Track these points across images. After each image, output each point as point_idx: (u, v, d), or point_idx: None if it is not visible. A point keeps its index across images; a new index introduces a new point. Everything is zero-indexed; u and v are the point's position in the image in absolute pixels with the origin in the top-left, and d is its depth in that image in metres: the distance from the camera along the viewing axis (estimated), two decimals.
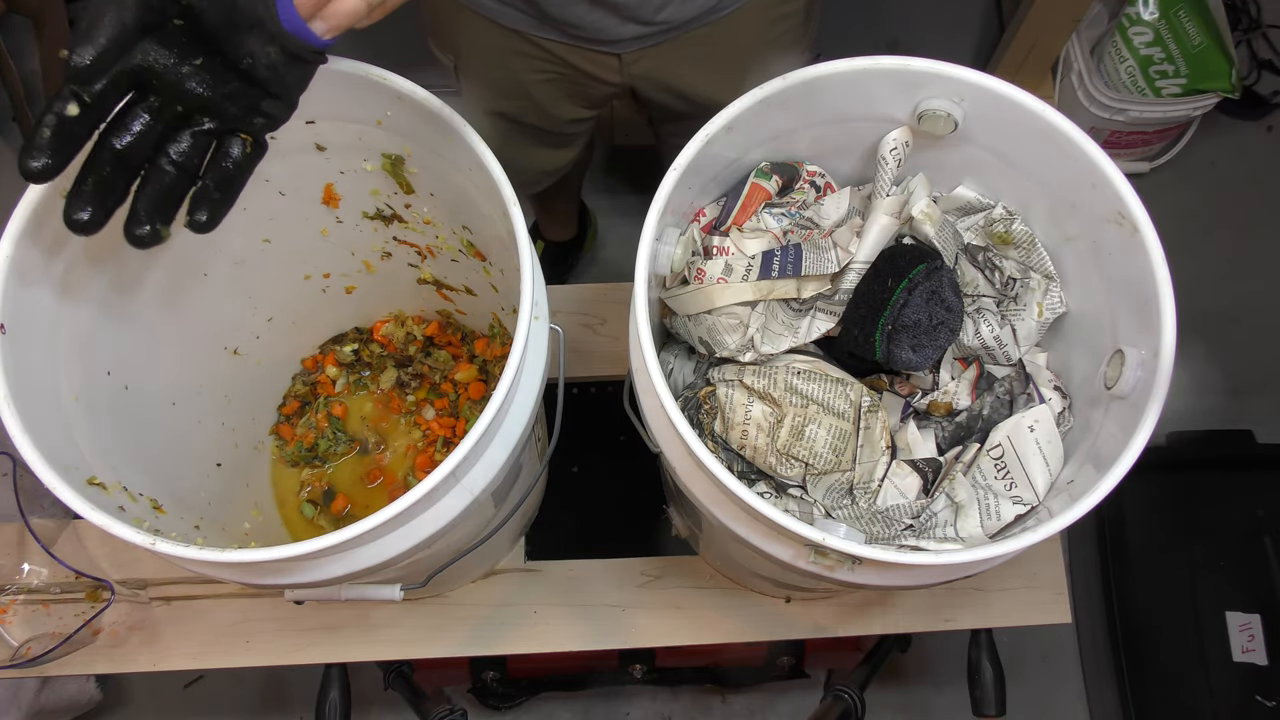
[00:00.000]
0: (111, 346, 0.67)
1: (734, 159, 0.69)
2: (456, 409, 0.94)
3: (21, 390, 0.56)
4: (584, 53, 0.93)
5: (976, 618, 0.92)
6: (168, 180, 0.49)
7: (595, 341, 1.01)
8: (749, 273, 0.68)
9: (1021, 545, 0.55)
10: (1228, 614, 1.37)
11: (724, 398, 0.68)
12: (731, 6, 0.89)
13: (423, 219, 0.78)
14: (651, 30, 0.88)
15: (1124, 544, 1.48)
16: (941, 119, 0.64)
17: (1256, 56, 1.92)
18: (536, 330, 0.66)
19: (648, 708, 1.56)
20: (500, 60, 0.97)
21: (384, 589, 0.71)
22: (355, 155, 0.71)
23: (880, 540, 0.65)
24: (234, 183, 0.50)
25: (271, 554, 0.53)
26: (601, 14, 0.86)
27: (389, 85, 0.62)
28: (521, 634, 0.91)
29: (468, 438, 0.55)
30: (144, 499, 0.66)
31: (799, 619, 0.92)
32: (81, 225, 0.48)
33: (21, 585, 0.91)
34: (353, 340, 0.97)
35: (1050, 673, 1.59)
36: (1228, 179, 1.89)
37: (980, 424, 0.70)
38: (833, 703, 0.92)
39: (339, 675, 0.89)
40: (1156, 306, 0.57)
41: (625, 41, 0.90)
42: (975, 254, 0.71)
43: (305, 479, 0.94)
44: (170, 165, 0.48)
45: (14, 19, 1.75)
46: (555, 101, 1.02)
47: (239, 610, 0.91)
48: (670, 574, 0.93)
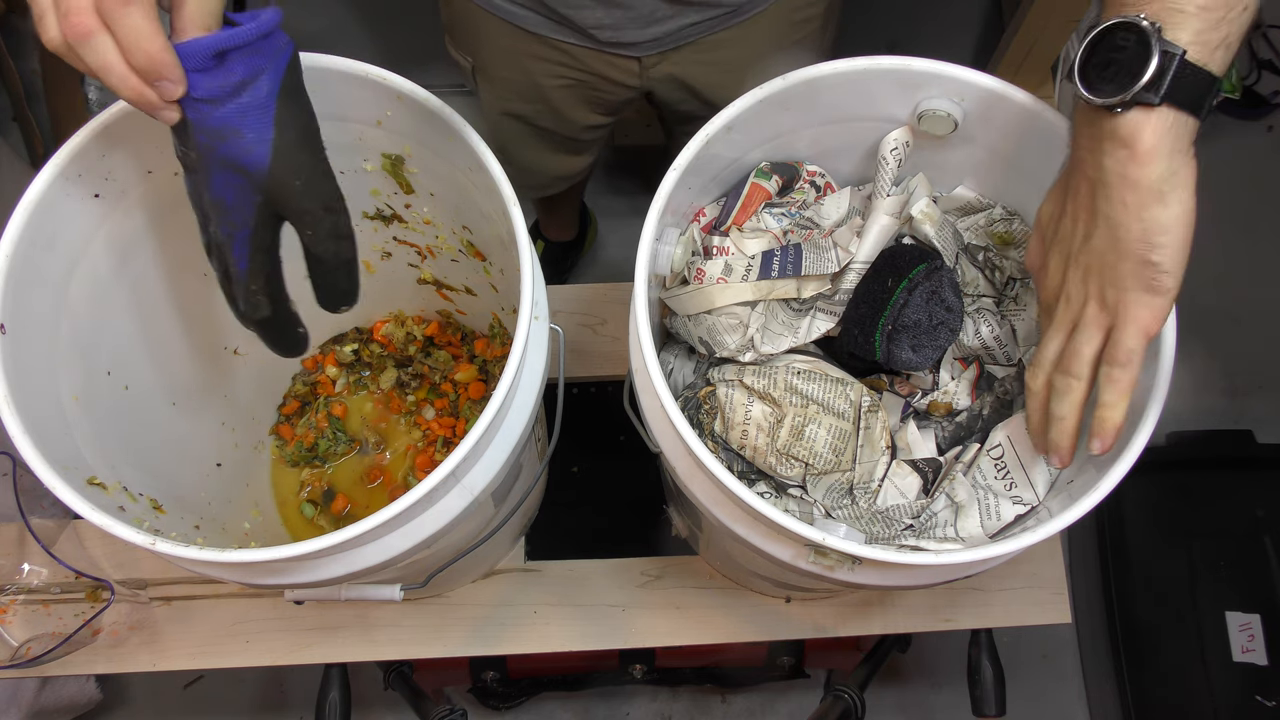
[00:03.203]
0: (111, 346, 0.67)
1: (734, 159, 0.69)
2: (456, 409, 0.94)
3: (21, 390, 0.56)
4: (604, 56, 0.93)
5: (976, 618, 0.92)
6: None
7: (595, 341, 1.01)
8: (749, 273, 0.68)
9: (1021, 545, 0.55)
10: (1228, 614, 1.37)
11: (724, 398, 0.69)
12: (751, 12, 0.89)
13: (423, 219, 0.78)
14: (675, 29, 0.89)
15: (1124, 544, 1.48)
16: (941, 119, 0.64)
17: (1256, 56, 1.92)
18: (536, 330, 0.66)
19: (648, 708, 1.56)
20: (519, 64, 0.97)
21: (384, 589, 0.71)
22: (355, 155, 0.71)
23: (880, 540, 0.65)
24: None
25: (271, 554, 0.53)
26: (620, 14, 0.86)
27: (389, 85, 0.62)
28: (521, 634, 0.91)
29: (468, 438, 0.55)
30: (144, 499, 0.66)
31: (799, 619, 0.92)
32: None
33: (21, 585, 0.91)
34: (353, 340, 0.97)
35: (1050, 673, 1.58)
36: (1228, 179, 1.89)
37: (980, 424, 0.70)
38: (833, 703, 0.92)
39: (339, 675, 0.89)
40: None
41: (645, 44, 0.90)
42: (975, 254, 0.71)
43: (305, 479, 0.94)
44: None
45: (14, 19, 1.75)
46: (572, 107, 1.02)
47: (239, 610, 0.91)
48: (670, 574, 0.93)
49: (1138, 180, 0.49)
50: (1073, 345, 0.54)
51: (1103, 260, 0.52)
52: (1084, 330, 0.54)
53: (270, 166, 0.49)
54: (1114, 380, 0.53)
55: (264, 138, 0.48)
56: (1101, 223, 0.51)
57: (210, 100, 0.47)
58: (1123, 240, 0.50)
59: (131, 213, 0.66)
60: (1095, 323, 0.53)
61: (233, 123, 0.48)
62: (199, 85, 0.46)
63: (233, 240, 0.52)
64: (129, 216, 0.66)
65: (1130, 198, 0.49)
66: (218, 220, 0.51)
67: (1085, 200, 0.52)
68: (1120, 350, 0.52)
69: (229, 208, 0.51)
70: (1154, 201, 0.49)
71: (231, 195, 0.50)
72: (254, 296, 0.54)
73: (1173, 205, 0.49)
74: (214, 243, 0.53)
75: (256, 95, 0.48)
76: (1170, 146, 0.49)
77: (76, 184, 0.61)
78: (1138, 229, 0.50)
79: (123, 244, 0.66)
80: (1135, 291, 0.51)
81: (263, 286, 0.54)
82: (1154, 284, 0.50)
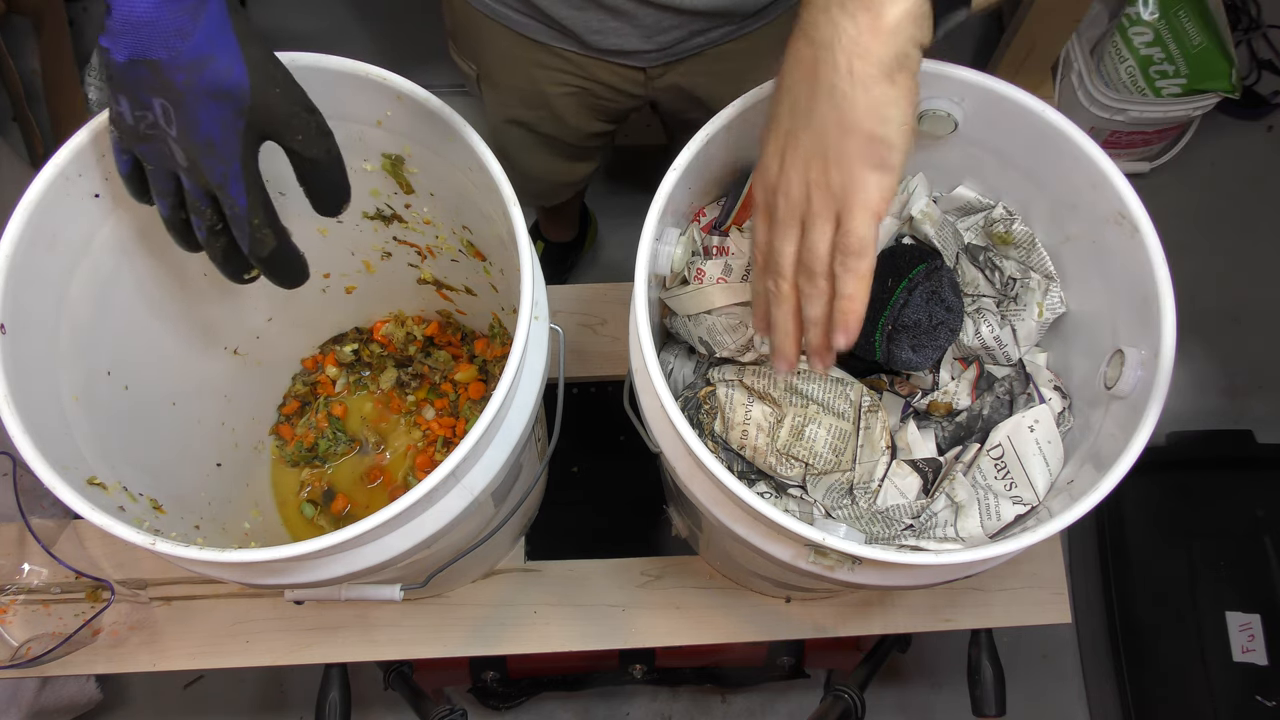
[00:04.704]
0: (111, 346, 0.67)
1: (734, 159, 0.69)
2: (456, 409, 0.94)
3: (21, 390, 0.56)
4: (608, 65, 0.93)
5: (976, 618, 0.92)
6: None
7: (595, 341, 1.01)
8: (749, 273, 0.68)
9: (1021, 545, 0.55)
10: (1228, 614, 1.37)
11: (724, 398, 0.69)
12: (756, 25, 0.89)
13: (423, 219, 0.78)
14: (680, 40, 0.88)
15: (1124, 544, 1.48)
16: (942, 119, 0.64)
17: (1256, 56, 1.92)
18: (536, 330, 0.66)
19: (648, 708, 1.56)
20: (523, 71, 0.96)
21: (384, 589, 0.71)
22: (355, 155, 0.71)
23: (880, 540, 0.65)
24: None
25: (271, 554, 0.53)
26: (622, 29, 0.85)
27: (389, 85, 0.62)
28: (521, 634, 0.91)
29: (468, 438, 0.55)
30: (144, 499, 0.66)
31: (799, 619, 0.92)
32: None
33: (21, 585, 0.91)
34: (353, 340, 0.97)
35: (1050, 673, 1.59)
36: (1228, 179, 1.89)
37: (980, 424, 0.70)
38: (833, 703, 0.92)
39: (339, 675, 0.89)
40: (1156, 306, 0.57)
41: (651, 54, 0.90)
42: (975, 254, 0.71)
43: (305, 479, 0.94)
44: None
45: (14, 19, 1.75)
46: (576, 114, 1.02)
47: (239, 610, 0.91)
48: (670, 574, 0.93)
49: (870, 51, 0.47)
50: (809, 243, 0.52)
51: (825, 138, 0.50)
52: (815, 225, 0.51)
53: (251, 82, 0.50)
54: (852, 270, 0.51)
55: (236, 56, 0.50)
56: (825, 95, 0.49)
57: (181, 33, 0.47)
58: (848, 114, 0.48)
59: (132, 212, 0.66)
60: (825, 214, 0.51)
61: (204, 49, 0.48)
62: (167, 21, 0.47)
63: (227, 180, 0.53)
64: (129, 216, 0.66)
65: (859, 67, 0.47)
66: (208, 165, 0.52)
67: (807, 70, 0.50)
68: (853, 239, 0.50)
69: (217, 145, 0.51)
70: (883, 78, 0.47)
71: (218, 130, 0.51)
72: (259, 230, 0.55)
73: (900, 86, 0.48)
74: (202, 196, 0.54)
75: (213, 16, 0.49)
76: (910, 33, 0.47)
77: (76, 184, 0.61)
78: (864, 101, 0.48)
79: (123, 244, 0.66)
80: (863, 170, 0.49)
81: (264, 218, 0.55)
82: (883, 160, 0.49)
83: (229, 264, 0.58)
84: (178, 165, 0.53)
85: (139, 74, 0.49)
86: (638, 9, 0.83)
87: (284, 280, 0.60)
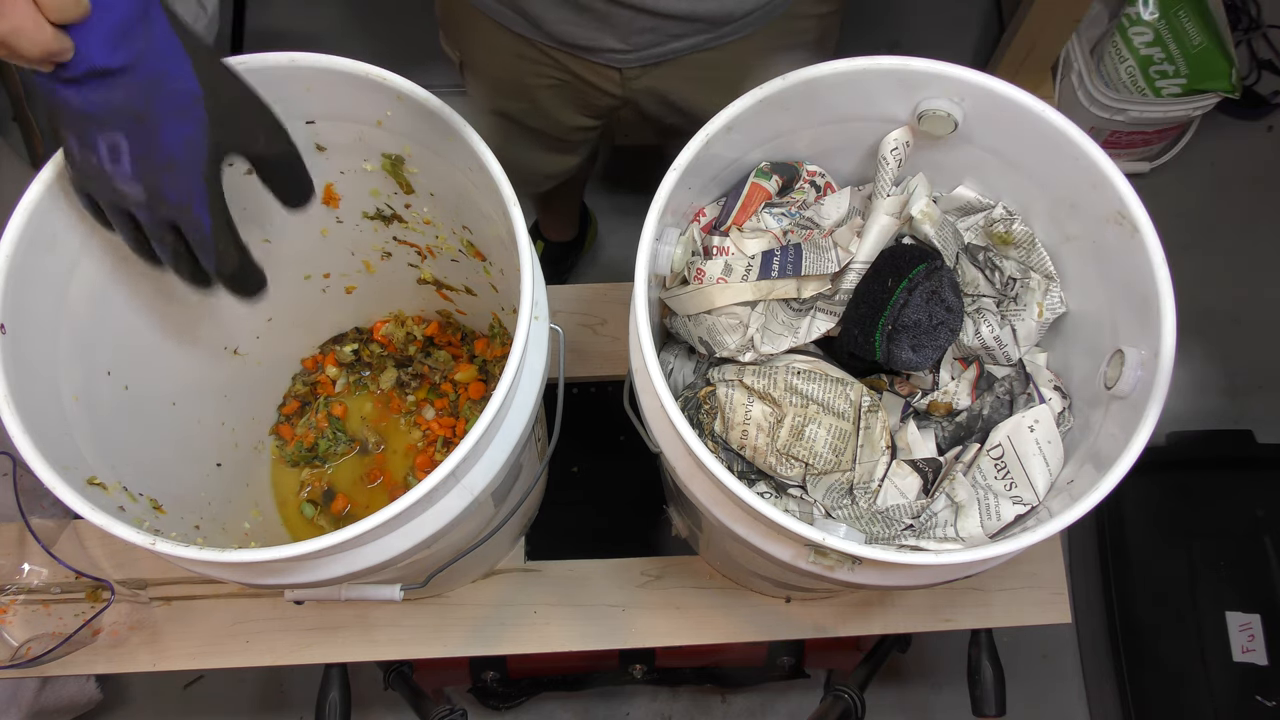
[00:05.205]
0: (111, 346, 0.67)
1: (734, 159, 0.69)
2: (456, 409, 0.94)
3: (21, 390, 0.56)
4: (585, 62, 0.93)
5: (976, 618, 0.92)
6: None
7: (595, 341, 1.01)
8: (749, 273, 0.68)
9: (1021, 545, 0.55)
10: (1228, 614, 1.37)
11: (724, 398, 0.69)
12: (734, 36, 0.89)
13: (423, 219, 0.78)
14: (657, 42, 0.88)
15: (1124, 544, 1.48)
16: (941, 119, 0.64)
17: (1256, 56, 1.92)
18: (536, 330, 0.66)
19: (648, 708, 1.56)
20: (505, 62, 0.97)
21: (384, 589, 0.71)
22: (355, 155, 0.71)
23: (880, 540, 0.65)
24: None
25: (271, 554, 0.53)
26: (595, 27, 0.86)
27: (389, 85, 0.62)
28: (521, 634, 0.91)
29: (468, 438, 0.55)
30: (144, 499, 0.66)
31: (799, 619, 0.92)
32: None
33: (21, 585, 0.91)
34: (353, 340, 0.97)
35: (1050, 673, 1.59)
36: (1228, 179, 1.89)
37: (980, 424, 0.70)
38: (833, 703, 0.92)
39: (339, 675, 0.89)
40: (1156, 306, 0.57)
41: (627, 55, 0.90)
42: (975, 254, 0.71)
43: (305, 479, 0.94)
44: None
45: None
46: (559, 108, 1.02)
47: (239, 610, 0.91)
48: (670, 574, 0.93)
49: None
50: None
51: None
52: None
53: (206, 92, 0.51)
54: None
55: (188, 71, 0.50)
56: None
57: (139, 41, 0.48)
58: None
59: None
60: None
61: (158, 66, 0.49)
62: (131, 34, 0.47)
63: (191, 200, 0.53)
64: None
65: None
66: (170, 186, 0.52)
67: None
68: None
69: (180, 165, 0.52)
70: None
71: (180, 148, 0.51)
72: (225, 249, 0.56)
73: None
74: (164, 220, 0.54)
75: (161, 27, 0.49)
76: None
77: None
78: None
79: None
80: None
81: (228, 238, 0.56)
82: None
83: (196, 280, 0.59)
84: (130, 203, 0.53)
85: (89, 107, 0.48)
86: (610, 9, 0.83)
87: (246, 291, 0.61)
